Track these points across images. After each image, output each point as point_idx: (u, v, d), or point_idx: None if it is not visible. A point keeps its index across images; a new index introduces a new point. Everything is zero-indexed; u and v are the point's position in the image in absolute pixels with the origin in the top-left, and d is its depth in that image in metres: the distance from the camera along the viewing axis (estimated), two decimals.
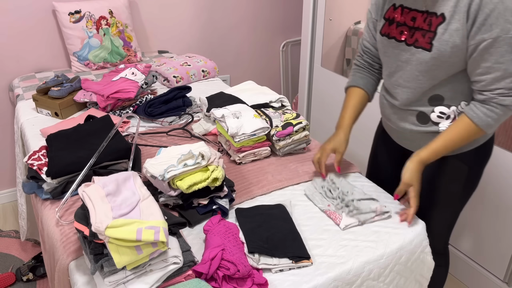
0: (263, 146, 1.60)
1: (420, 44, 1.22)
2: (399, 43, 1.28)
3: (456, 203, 1.44)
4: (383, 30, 1.33)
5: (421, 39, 1.22)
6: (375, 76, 1.51)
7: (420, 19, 1.22)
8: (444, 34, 1.16)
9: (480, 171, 1.41)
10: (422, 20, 1.21)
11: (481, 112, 1.20)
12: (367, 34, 1.46)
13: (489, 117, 1.19)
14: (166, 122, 1.93)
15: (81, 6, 2.47)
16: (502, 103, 1.17)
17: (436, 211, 1.44)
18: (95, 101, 1.96)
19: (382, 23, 1.34)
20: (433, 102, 1.29)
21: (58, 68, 2.62)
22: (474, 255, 2.01)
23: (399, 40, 1.28)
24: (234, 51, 3.30)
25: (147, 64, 2.15)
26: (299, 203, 1.38)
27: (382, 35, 1.34)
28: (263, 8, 3.25)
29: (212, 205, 1.30)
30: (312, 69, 2.75)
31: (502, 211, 1.83)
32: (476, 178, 1.41)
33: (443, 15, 1.16)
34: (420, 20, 1.22)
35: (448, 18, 1.15)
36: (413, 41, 1.24)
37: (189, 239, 1.20)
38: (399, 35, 1.28)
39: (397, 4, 1.29)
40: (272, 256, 1.12)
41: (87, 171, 1.36)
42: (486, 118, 1.19)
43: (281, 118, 1.66)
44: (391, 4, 1.31)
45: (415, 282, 1.33)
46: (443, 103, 1.28)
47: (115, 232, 0.94)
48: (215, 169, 1.28)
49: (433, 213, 1.44)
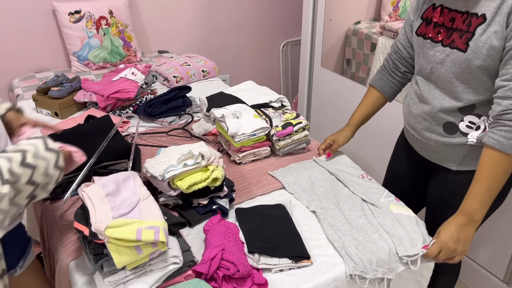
0: (263, 146, 1.60)
1: (456, 44, 1.16)
2: (436, 43, 1.23)
3: None
4: (419, 30, 1.29)
5: (458, 39, 1.16)
6: (397, 80, 1.50)
7: (459, 20, 1.17)
8: (482, 36, 1.10)
9: (508, 188, 1.31)
10: (462, 21, 1.16)
11: (500, 136, 1.09)
12: (401, 36, 1.43)
13: (511, 140, 1.08)
14: (166, 122, 1.93)
15: (81, 6, 2.47)
16: None
17: None
18: (95, 101, 1.96)
19: (419, 22, 1.30)
20: (464, 111, 1.22)
21: (58, 68, 2.62)
22: (474, 255, 2.01)
23: (436, 40, 1.23)
24: (234, 51, 3.30)
25: (147, 64, 2.15)
26: (299, 203, 1.38)
27: (418, 35, 1.29)
28: (263, 8, 3.25)
29: (212, 205, 1.30)
30: (312, 69, 2.75)
31: (502, 211, 1.83)
32: (504, 194, 1.31)
33: (484, 16, 1.10)
34: (459, 21, 1.17)
35: (489, 20, 1.09)
36: (449, 42, 1.19)
37: (189, 239, 1.20)
38: (436, 36, 1.23)
39: (437, 4, 1.25)
40: (272, 256, 1.12)
41: (87, 171, 1.36)
42: (508, 141, 1.08)
43: (281, 118, 1.66)
44: (431, 3, 1.27)
45: (414, 282, 1.33)
46: (473, 112, 1.21)
47: (115, 232, 0.94)
48: (215, 169, 1.28)
49: None
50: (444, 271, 1.49)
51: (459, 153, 1.28)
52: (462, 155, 1.27)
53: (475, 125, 1.22)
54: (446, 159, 1.30)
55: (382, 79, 1.51)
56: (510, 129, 1.08)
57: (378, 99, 1.52)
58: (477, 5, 1.12)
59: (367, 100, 1.54)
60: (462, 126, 1.23)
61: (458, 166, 1.29)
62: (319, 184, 1.44)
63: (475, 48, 1.12)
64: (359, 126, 1.57)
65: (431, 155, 1.36)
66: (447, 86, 1.22)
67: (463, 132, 1.24)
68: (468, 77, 1.16)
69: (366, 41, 2.41)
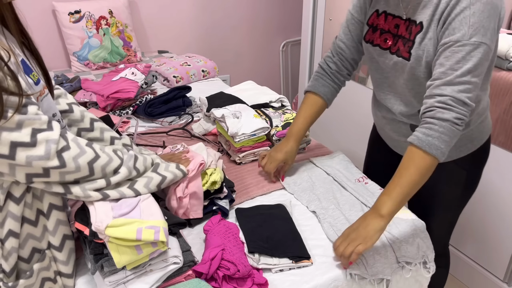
0: (263, 146, 1.60)
1: (401, 53, 1.18)
2: (384, 50, 1.23)
3: (456, 207, 1.43)
4: (367, 37, 1.29)
5: (402, 47, 1.17)
6: (337, 85, 1.43)
7: (402, 27, 1.18)
8: (421, 43, 1.12)
9: (479, 174, 1.39)
10: (405, 28, 1.17)
11: (419, 132, 1.07)
12: (344, 34, 1.37)
13: (429, 136, 1.05)
14: (166, 122, 1.93)
15: (81, 6, 2.47)
16: (440, 116, 1.04)
17: (436, 216, 1.42)
18: (95, 101, 1.96)
19: (365, 29, 1.30)
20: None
21: (58, 68, 2.62)
22: (474, 255, 2.01)
23: (384, 47, 1.23)
24: (234, 51, 3.30)
25: (147, 64, 2.15)
26: (299, 203, 1.38)
27: (366, 42, 1.29)
28: (263, 8, 3.25)
29: (212, 206, 1.30)
30: (312, 69, 2.75)
31: (502, 211, 1.83)
32: (475, 181, 1.39)
33: (421, 24, 1.12)
34: (403, 28, 1.17)
35: (425, 27, 1.11)
36: (396, 50, 1.20)
37: (189, 239, 1.20)
38: (384, 43, 1.23)
39: (381, 10, 1.24)
40: (272, 256, 1.12)
41: None
42: (426, 137, 1.05)
43: (281, 118, 1.66)
44: (374, 10, 1.26)
45: (415, 282, 1.33)
46: None
47: (115, 232, 0.94)
48: (213, 172, 1.27)
49: (432, 218, 1.42)
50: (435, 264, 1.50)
51: None
52: None
53: None
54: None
55: (325, 85, 1.41)
56: (429, 126, 1.06)
57: (321, 107, 1.42)
58: (416, 13, 1.13)
59: (309, 109, 1.41)
60: None
61: None
62: (319, 185, 1.43)
63: (417, 56, 1.13)
64: (302, 138, 1.44)
65: (402, 151, 1.38)
66: (400, 91, 1.24)
67: None
68: (416, 83, 1.18)
69: None
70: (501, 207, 1.84)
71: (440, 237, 1.49)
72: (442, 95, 1.04)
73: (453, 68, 1.03)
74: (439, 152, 1.05)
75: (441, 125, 1.04)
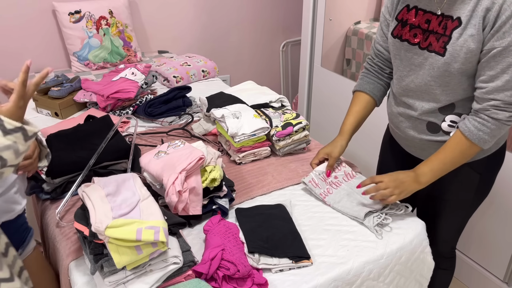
0: (263, 146, 1.60)
1: (433, 48, 1.17)
2: (412, 46, 1.23)
3: (466, 210, 1.41)
4: (395, 32, 1.28)
5: (435, 43, 1.17)
6: (384, 81, 1.46)
7: (435, 22, 1.17)
8: (459, 39, 1.11)
9: (492, 178, 1.37)
10: (437, 23, 1.17)
11: (472, 125, 1.16)
12: (380, 37, 1.40)
13: (480, 131, 1.15)
14: (166, 122, 1.93)
15: (81, 6, 2.47)
16: (495, 116, 1.13)
17: (446, 218, 1.42)
18: (95, 101, 1.96)
19: (394, 24, 1.29)
20: (444, 111, 1.24)
21: (58, 68, 2.62)
22: (474, 255, 2.01)
23: (412, 43, 1.23)
24: (234, 51, 3.29)
25: (147, 64, 2.15)
26: (299, 203, 1.38)
27: (394, 37, 1.29)
28: (263, 8, 3.25)
29: (212, 205, 1.30)
30: (312, 69, 2.75)
31: (502, 211, 1.83)
32: (488, 185, 1.38)
33: (459, 19, 1.11)
34: (435, 23, 1.17)
35: (464, 23, 1.10)
36: (426, 45, 1.19)
37: (189, 239, 1.20)
38: (412, 38, 1.23)
39: (411, 5, 1.24)
40: (272, 256, 1.12)
41: (87, 171, 1.36)
42: (478, 131, 1.15)
43: (281, 118, 1.66)
44: (405, 4, 1.26)
45: (415, 282, 1.33)
46: (453, 111, 1.24)
47: (115, 232, 0.94)
48: (212, 169, 1.27)
49: (442, 219, 1.42)
50: (439, 266, 1.49)
51: None
52: None
53: (456, 124, 1.25)
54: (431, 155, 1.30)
55: (370, 82, 1.45)
56: (483, 122, 1.15)
57: (369, 103, 1.45)
58: (452, 8, 1.13)
59: (357, 106, 1.45)
60: (444, 125, 1.26)
61: None
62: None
63: (453, 52, 1.13)
64: (352, 134, 1.46)
65: (416, 151, 1.39)
66: (424, 88, 1.24)
67: (445, 131, 1.27)
68: (446, 79, 1.18)
69: (366, 41, 2.41)
70: (501, 207, 1.84)
71: (448, 239, 1.48)
72: (495, 99, 1.12)
73: (505, 71, 1.08)
74: (486, 145, 1.18)
75: (494, 123, 1.14)
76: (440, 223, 1.43)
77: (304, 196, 1.42)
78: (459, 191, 1.36)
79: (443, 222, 1.42)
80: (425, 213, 1.45)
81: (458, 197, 1.37)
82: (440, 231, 1.44)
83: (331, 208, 1.36)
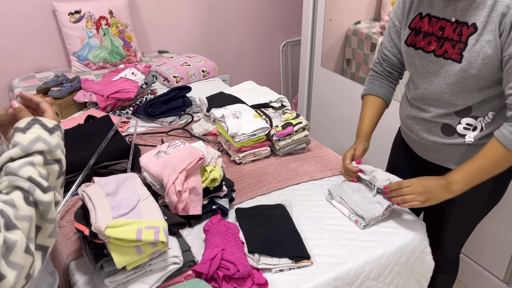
0: (263, 146, 1.60)
1: (449, 55, 1.16)
2: (427, 54, 1.22)
3: (476, 215, 1.39)
4: (409, 40, 1.27)
5: (450, 50, 1.16)
6: (394, 84, 1.47)
7: (449, 29, 1.16)
8: (476, 45, 1.10)
9: (505, 184, 1.34)
10: (452, 30, 1.16)
11: (508, 131, 1.12)
12: (388, 43, 1.39)
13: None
14: (166, 122, 1.93)
15: (81, 6, 2.47)
16: None
17: (455, 222, 1.39)
18: (95, 101, 1.96)
19: (407, 32, 1.27)
20: (460, 114, 1.23)
21: (58, 68, 2.62)
22: (474, 255, 2.01)
23: (427, 51, 1.22)
24: (234, 51, 3.30)
25: (147, 64, 2.15)
26: (299, 203, 1.38)
27: (408, 45, 1.27)
28: (263, 8, 3.25)
29: (212, 205, 1.30)
30: (312, 69, 2.75)
31: (502, 211, 1.83)
32: (500, 192, 1.35)
33: (474, 25, 1.10)
34: (450, 30, 1.16)
35: (480, 29, 1.09)
36: (442, 52, 1.18)
37: (189, 239, 1.20)
38: (427, 46, 1.22)
39: (424, 13, 1.23)
40: (272, 256, 1.12)
41: (87, 171, 1.36)
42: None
43: (281, 118, 1.66)
44: (417, 13, 1.25)
45: (415, 282, 1.33)
46: (470, 114, 1.22)
47: (115, 232, 0.94)
48: (212, 169, 1.27)
49: (451, 224, 1.39)
50: (443, 270, 1.49)
51: (457, 152, 1.28)
52: (461, 154, 1.28)
53: (472, 127, 1.23)
54: (445, 159, 1.30)
55: (382, 86, 1.45)
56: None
57: (382, 106, 1.46)
58: (466, 14, 1.12)
59: (372, 109, 1.45)
60: (460, 128, 1.24)
61: (457, 165, 1.29)
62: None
63: (470, 58, 1.12)
64: (370, 137, 1.46)
65: (429, 155, 1.36)
66: (439, 96, 1.23)
67: (460, 134, 1.25)
68: (463, 85, 1.17)
69: (366, 41, 2.41)
70: (500, 207, 1.84)
71: (455, 244, 1.46)
72: None
73: None
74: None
75: None
76: (448, 227, 1.40)
77: (304, 196, 1.42)
78: (471, 196, 1.31)
79: (451, 226, 1.39)
80: (433, 216, 1.43)
81: (469, 202, 1.34)
82: (447, 235, 1.41)
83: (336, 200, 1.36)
